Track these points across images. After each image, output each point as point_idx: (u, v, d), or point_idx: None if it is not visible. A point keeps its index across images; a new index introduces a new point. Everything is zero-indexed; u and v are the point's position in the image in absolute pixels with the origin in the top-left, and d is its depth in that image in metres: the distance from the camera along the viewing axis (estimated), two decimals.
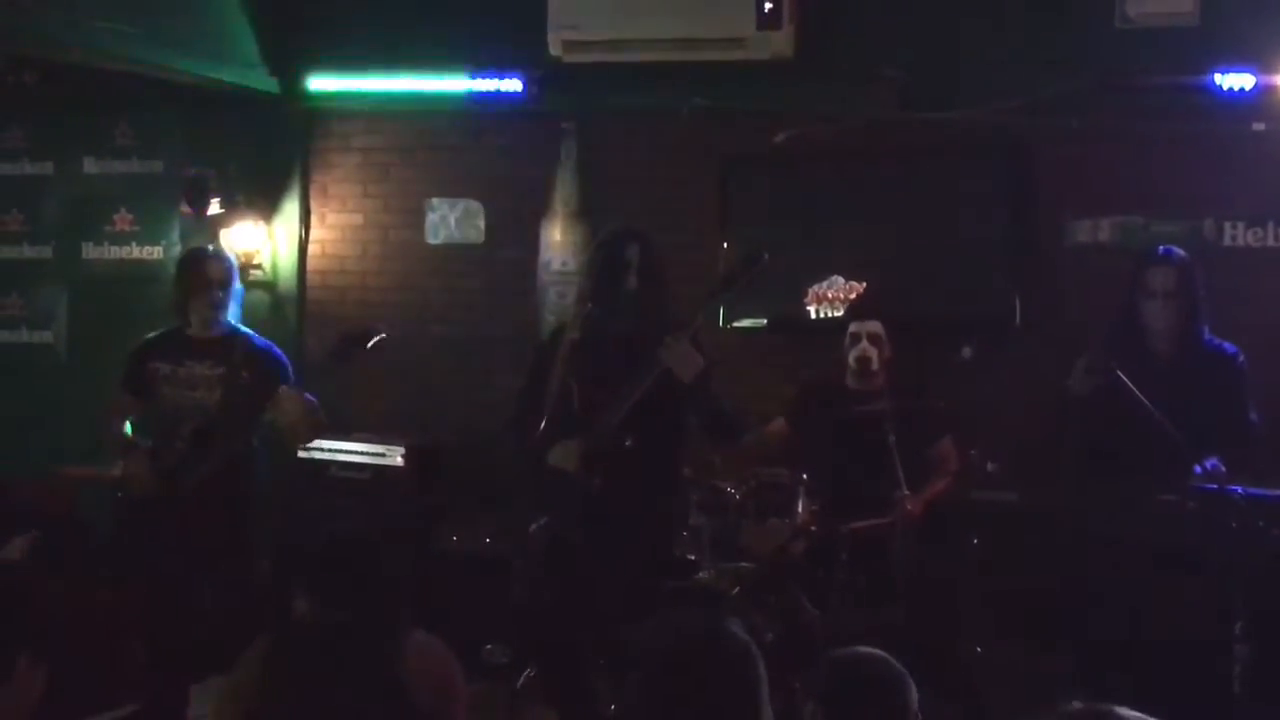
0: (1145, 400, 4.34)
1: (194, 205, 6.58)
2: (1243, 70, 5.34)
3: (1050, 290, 5.65)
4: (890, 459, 4.77)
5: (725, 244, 5.96)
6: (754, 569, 4.87)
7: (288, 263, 6.78)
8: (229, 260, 5.20)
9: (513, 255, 6.45)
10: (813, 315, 5.87)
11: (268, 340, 5.17)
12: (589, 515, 4.25)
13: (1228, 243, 5.53)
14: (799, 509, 4.90)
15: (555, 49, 5.91)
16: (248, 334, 5.12)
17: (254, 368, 4.95)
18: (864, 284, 5.80)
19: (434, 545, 5.87)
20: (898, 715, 2.63)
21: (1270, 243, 5.51)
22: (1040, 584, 4.98)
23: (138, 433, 5.01)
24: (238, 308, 5.17)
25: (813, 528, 4.86)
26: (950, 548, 5.03)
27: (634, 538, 4.28)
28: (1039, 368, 5.23)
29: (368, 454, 6.03)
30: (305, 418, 4.80)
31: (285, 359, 5.10)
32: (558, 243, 6.32)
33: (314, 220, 6.80)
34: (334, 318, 6.51)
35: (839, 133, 5.77)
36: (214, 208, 6.59)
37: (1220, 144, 5.46)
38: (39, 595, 2.39)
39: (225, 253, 5.38)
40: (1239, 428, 4.62)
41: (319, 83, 6.58)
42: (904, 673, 2.68)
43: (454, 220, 6.61)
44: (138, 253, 6.95)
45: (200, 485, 4.76)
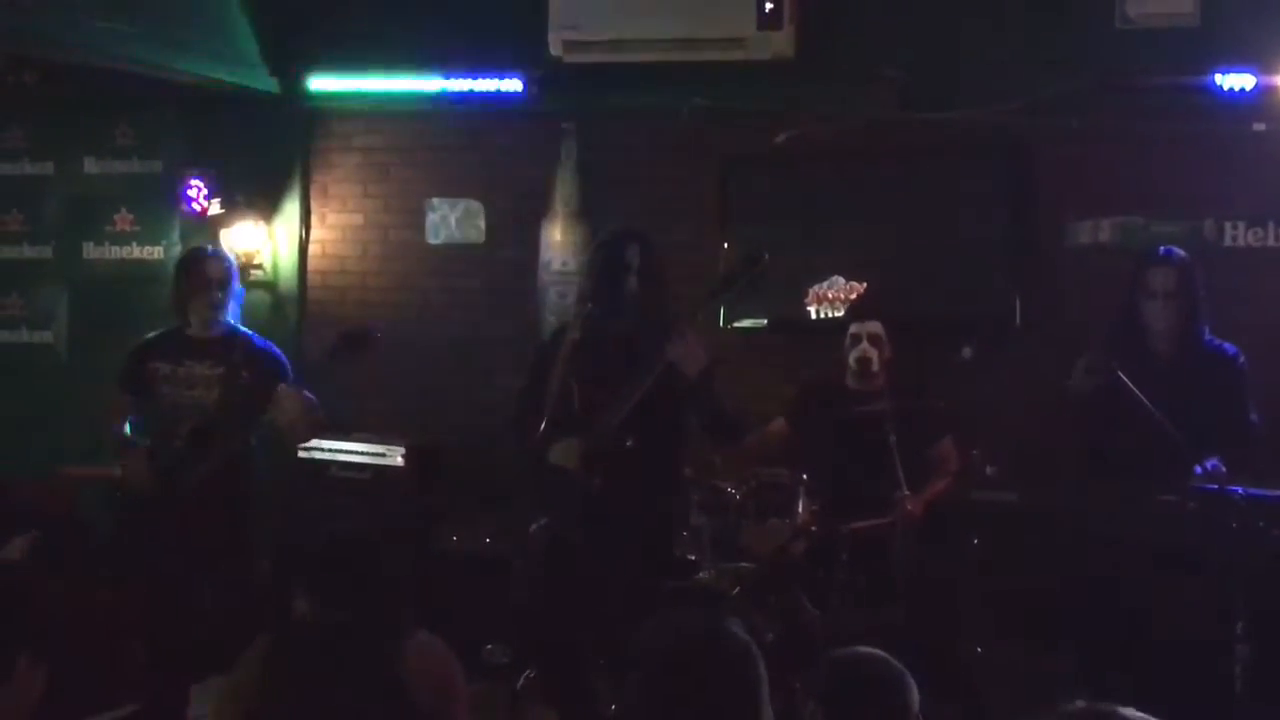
0: (1145, 400, 4.34)
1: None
2: (1243, 70, 5.34)
3: (1050, 290, 5.65)
4: (890, 459, 4.77)
5: (725, 244, 5.96)
6: (754, 569, 4.87)
7: (288, 263, 6.77)
8: (229, 260, 5.21)
9: (513, 255, 6.44)
10: (813, 315, 5.87)
11: (267, 340, 5.18)
12: (589, 515, 4.25)
13: (1228, 243, 5.53)
14: (799, 509, 4.89)
15: (556, 49, 5.91)
16: (247, 334, 5.13)
17: (253, 367, 4.95)
18: (864, 284, 5.80)
19: (434, 545, 5.86)
20: (898, 715, 2.62)
21: (1270, 243, 5.50)
22: (1040, 584, 4.96)
23: (137, 432, 5.01)
24: (238, 308, 5.17)
25: (813, 528, 4.85)
26: (950, 548, 5.03)
27: (634, 538, 4.28)
28: (1039, 368, 5.23)
29: (368, 454, 6.03)
30: (305, 417, 4.81)
31: (285, 359, 5.11)
32: (558, 243, 6.31)
33: (314, 220, 6.79)
34: (334, 318, 6.49)
35: (839, 133, 5.77)
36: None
37: (1220, 144, 5.45)
38: (39, 595, 2.39)
39: (225, 253, 5.39)
40: (1239, 428, 4.62)
41: (319, 83, 6.58)
42: (904, 673, 2.68)
43: (454, 220, 6.60)
44: (138, 253, 6.95)
45: (200, 485, 4.77)
